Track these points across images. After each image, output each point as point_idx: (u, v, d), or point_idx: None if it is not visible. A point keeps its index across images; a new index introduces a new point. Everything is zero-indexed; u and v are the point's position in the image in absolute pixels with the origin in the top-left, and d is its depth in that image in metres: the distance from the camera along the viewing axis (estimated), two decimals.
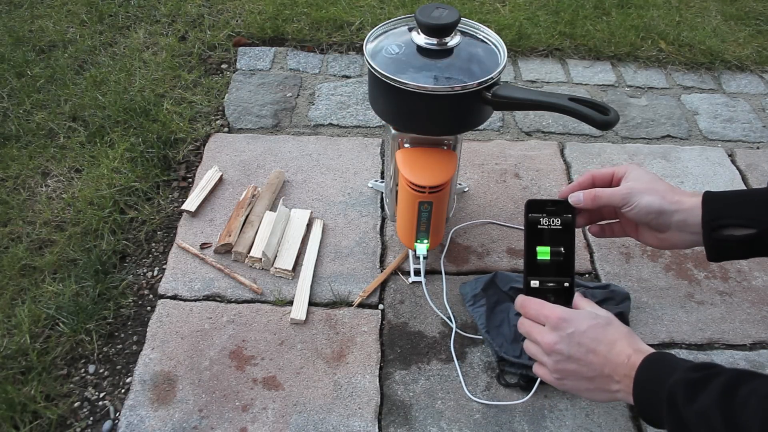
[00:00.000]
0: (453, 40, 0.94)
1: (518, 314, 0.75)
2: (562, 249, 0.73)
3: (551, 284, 0.73)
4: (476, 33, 0.99)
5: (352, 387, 0.99)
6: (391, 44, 0.95)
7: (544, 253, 0.74)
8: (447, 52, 0.94)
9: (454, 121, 0.95)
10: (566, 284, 0.73)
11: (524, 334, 0.72)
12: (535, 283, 0.74)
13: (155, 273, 1.16)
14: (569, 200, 0.77)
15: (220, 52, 1.72)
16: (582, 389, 0.68)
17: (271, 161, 1.38)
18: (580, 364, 0.66)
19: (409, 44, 0.95)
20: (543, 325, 0.70)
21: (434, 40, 0.93)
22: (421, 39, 0.94)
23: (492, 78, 0.88)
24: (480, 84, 0.87)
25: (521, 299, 0.73)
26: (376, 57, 0.93)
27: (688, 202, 0.73)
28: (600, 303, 1.08)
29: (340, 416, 0.95)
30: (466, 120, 0.96)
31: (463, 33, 0.98)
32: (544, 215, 0.74)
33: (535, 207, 0.74)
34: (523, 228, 0.94)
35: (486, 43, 0.98)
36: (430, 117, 0.93)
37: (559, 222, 0.74)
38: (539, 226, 0.74)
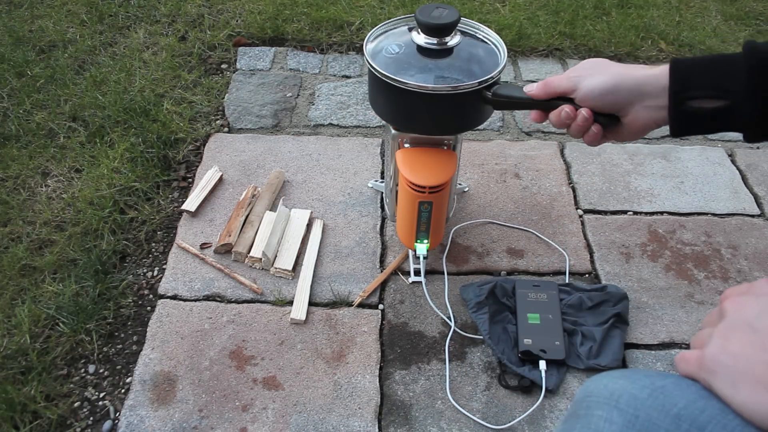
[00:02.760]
0: (453, 40, 0.94)
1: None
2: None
3: None
4: (476, 33, 0.99)
5: (352, 387, 0.99)
6: (391, 44, 0.95)
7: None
8: (447, 51, 0.94)
9: (454, 120, 0.95)
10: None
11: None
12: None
13: (155, 273, 1.16)
14: (524, 90, 0.79)
15: (220, 52, 1.72)
16: (748, 356, 0.43)
17: (271, 161, 1.38)
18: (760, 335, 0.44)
19: (409, 44, 0.95)
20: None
21: (434, 40, 0.94)
22: (421, 39, 0.94)
23: (492, 77, 0.88)
24: (480, 83, 0.87)
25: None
26: (376, 57, 0.93)
27: (650, 71, 0.67)
28: (596, 306, 1.08)
29: (340, 416, 0.95)
30: (466, 120, 0.96)
31: (463, 33, 0.98)
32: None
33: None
34: (522, 228, 0.94)
35: (486, 42, 0.98)
36: (430, 117, 0.93)
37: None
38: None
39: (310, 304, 1.10)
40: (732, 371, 0.43)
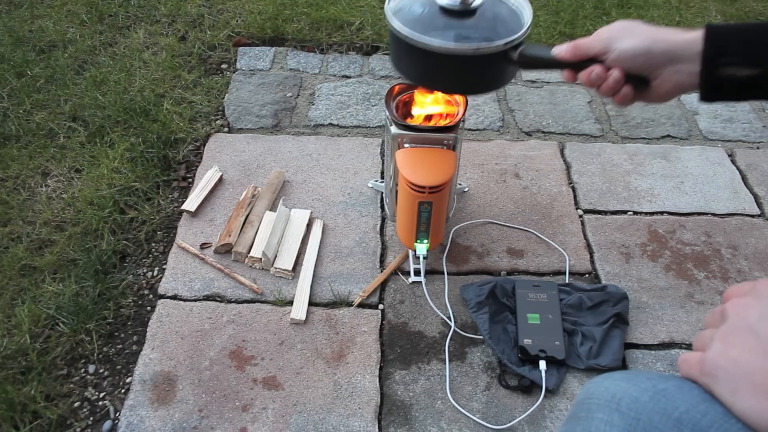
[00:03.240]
0: (477, 1, 0.92)
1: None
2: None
3: None
4: None
5: (352, 387, 0.99)
6: (413, 4, 0.94)
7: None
8: (471, 12, 0.92)
9: (479, 81, 0.92)
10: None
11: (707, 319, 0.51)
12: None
13: (155, 273, 1.16)
14: (552, 52, 0.78)
15: (220, 52, 1.72)
16: (749, 362, 0.43)
17: (271, 161, 1.38)
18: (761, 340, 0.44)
19: (432, 4, 0.93)
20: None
21: (458, 0, 0.91)
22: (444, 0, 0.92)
23: (518, 38, 0.86)
24: (506, 44, 0.85)
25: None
26: (397, 17, 0.90)
27: (684, 36, 0.66)
28: (596, 306, 1.08)
29: (340, 416, 0.95)
30: (491, 80, 0.93)
31: None
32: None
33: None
34: (522, 228, 0.93)
35: (510, 3, 0.95)
36: (455, 77, 0.90)
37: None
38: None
39: (310, 304, 1.10)
40: (732, 377, 0.42)
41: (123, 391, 0.98)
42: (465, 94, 1.01)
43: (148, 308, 1.10)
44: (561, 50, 0.77)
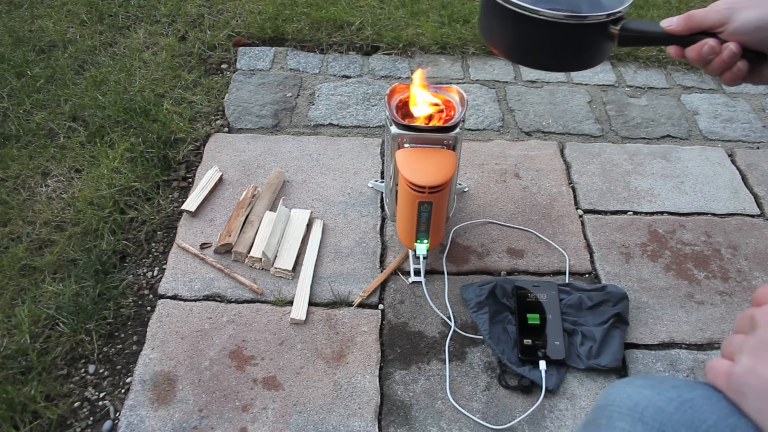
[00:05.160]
0: None
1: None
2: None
3: None
4: None
5: (352, 387, 0.99)
6: None
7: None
8: None
9: (574, 55, 0.88)
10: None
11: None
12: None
13: (155, 273, 1.16)
14: (661, 24, 0.72)
15: (220, 52, 1.72)
16: None
17: (271, 161, 1.38)
18: None
19: None
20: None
21: None
22: None
23: (621, 11, 0.84)
24: (609, 15, 0.81)
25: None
26: None
27: None
28: (596, 305, 1.08)
29: (340, 416, 0.95)
30: (587, 56, 0.89)
31: None
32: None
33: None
34: (522, 228, 0.93)
35: None
36: (552, 49, 0.87)
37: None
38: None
39: (310, 304, 1.10)
40: (762, 397, 0.40)
41: (123, 391, 0.98)
42: (556, 70, 0.94)
43: (148, 308, 1.10)
44: (672, 22, 0.71)
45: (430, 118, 1.08)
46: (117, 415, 0.95)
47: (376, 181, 1.33)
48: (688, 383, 0.45)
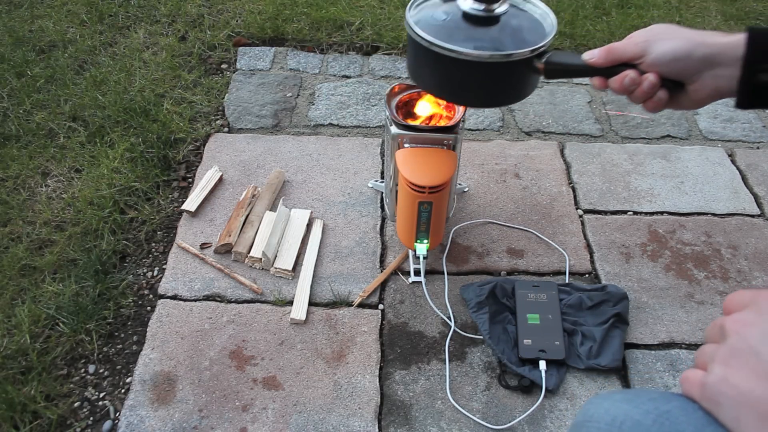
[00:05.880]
0: (501, 8, 0.91)
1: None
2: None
3: None
4: (524, 1, 0.95)
5: (352, 387, 0.99)
6: (435, 11, 0.92)
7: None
8: (494, 19, 0.90)
9: (501, 91, 0.89)
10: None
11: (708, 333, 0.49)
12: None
13: (155, 273, 1.16)
14: (583, 57, 0.74)
15: (220, 52, 1.72)
16: (752, 390, 0.41)
17: (271, 161, 1.38)
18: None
19: (455, 11, 0.91)
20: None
21: (481, 6, 0.89)
22: (467, 4, 0.88)
23: (544, 45, 0.84)
24: (533, 51, 0.82)
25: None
26: (419, 24, 0.87)
27: (725, 39, 0.64)
28: (596, 305, 1.08)
29: (340, 416, 0.95)
30: (514, 90, 0.90)
31: (511, 4, 0.94)
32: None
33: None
34: (522, 228, 0.93)
35: (534, 11, 0.93)
36: (478, 87, 0.88)
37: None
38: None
39: (310, 304, 1.10)
40: (736, 405, 0.41)
41: (123, 391, 0.98)
42: (487, 106, 0.96)
43: (148, 308, 1.10)
44: (593, 55, 0.73)
45: (430, 118, 1.08)
46: (117, 415, 0.95)
47: (376, 181, 1.33)
48: (664, 395, 0.46)
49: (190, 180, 1.34)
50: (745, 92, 0.64)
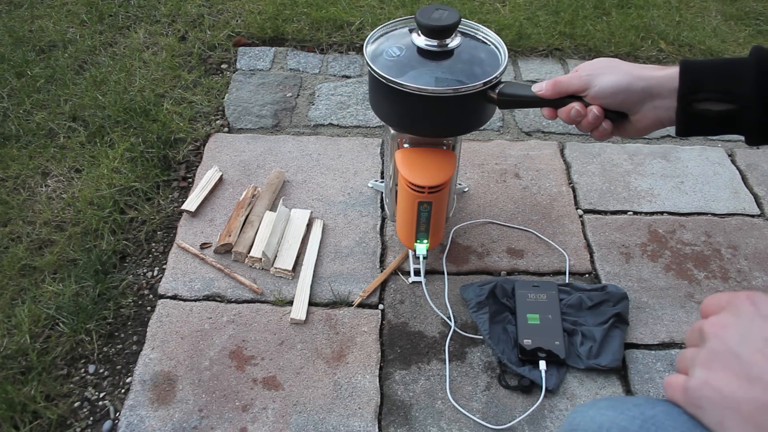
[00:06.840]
0: (454, 42, 0.94)
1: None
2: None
3: None
4: (476, 34, 0.99)
5: (352, 387, 0.99)
6: (391, 46, 0.95)
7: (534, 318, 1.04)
8: (448, 53, 0.94)
9: (458, 122, 0.95)
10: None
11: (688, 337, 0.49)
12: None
13: (155, 273, 1.16)
14: (532, 89, 0.79)
15: (220, 52, 1.72)
16: (733, 392, 0.41)
17: (271, 161, 1.38)
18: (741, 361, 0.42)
19: (410, 46, 0.95)
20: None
21: (435, 42, 0.93)
22: (421, 41, 0.94)
23: (495, 78, 0.88)
24: (485, 84, 0.87)
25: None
26: (377, 60, 0.92)
27: (661, 72, 0.68)
28: (596, 305, 1.08)
29: (340, 416, 0.95)
30: (470, 121, 0.96)
31: (463, 34, 0.98)
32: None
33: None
34: (522, 228, 0.93)
35: (486, 43, 0.98)
36: (434, 119, 0.93)
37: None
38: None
39: (310, 304, 1.10)
40: (718, 408, 0.41)
41: (123, 391, 0.98)
42: (444, 136, 1.00)
43: (148, 308, 1.10)
44: (541, 88, 0.78)
45: None
46: (117, 415, 0.95)
47: (376, 181, 1.33)
48: (649, 401, 0.46)
49: (190, 180, 1.34)
50: (683, 121, 0.67)
